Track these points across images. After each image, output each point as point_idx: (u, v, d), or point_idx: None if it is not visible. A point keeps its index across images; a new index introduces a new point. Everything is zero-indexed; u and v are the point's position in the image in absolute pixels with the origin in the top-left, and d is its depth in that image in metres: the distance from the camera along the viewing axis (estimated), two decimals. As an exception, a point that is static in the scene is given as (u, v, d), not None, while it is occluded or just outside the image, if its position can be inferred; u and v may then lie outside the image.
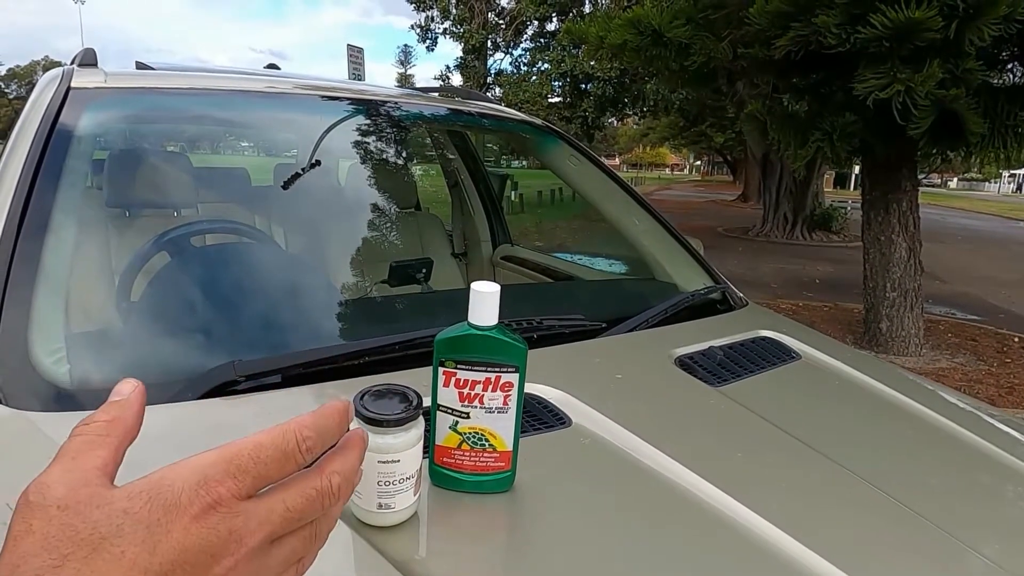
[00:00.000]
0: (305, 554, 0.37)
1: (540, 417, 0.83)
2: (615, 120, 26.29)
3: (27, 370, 0.77)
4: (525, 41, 19.71)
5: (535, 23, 18.79)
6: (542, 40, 19.02)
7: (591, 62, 14.41)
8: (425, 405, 0.65)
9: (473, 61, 19.90)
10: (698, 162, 64.72)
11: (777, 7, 3.60)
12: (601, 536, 0.65)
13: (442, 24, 19.65)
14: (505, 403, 0.68)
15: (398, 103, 1.67)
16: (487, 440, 0.68)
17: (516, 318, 1.05)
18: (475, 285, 0.66)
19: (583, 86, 17.60)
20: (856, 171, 20.71)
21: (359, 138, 1.57)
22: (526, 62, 19.60)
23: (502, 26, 19.63)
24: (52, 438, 0.69)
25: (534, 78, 18.79)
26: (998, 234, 15.56)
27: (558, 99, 18.91)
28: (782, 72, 4.38)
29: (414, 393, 0.63)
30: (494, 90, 19.14)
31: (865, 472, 0.81)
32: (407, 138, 1.97)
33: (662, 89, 14.26)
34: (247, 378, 0.82)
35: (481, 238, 2.31)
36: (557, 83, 18.18)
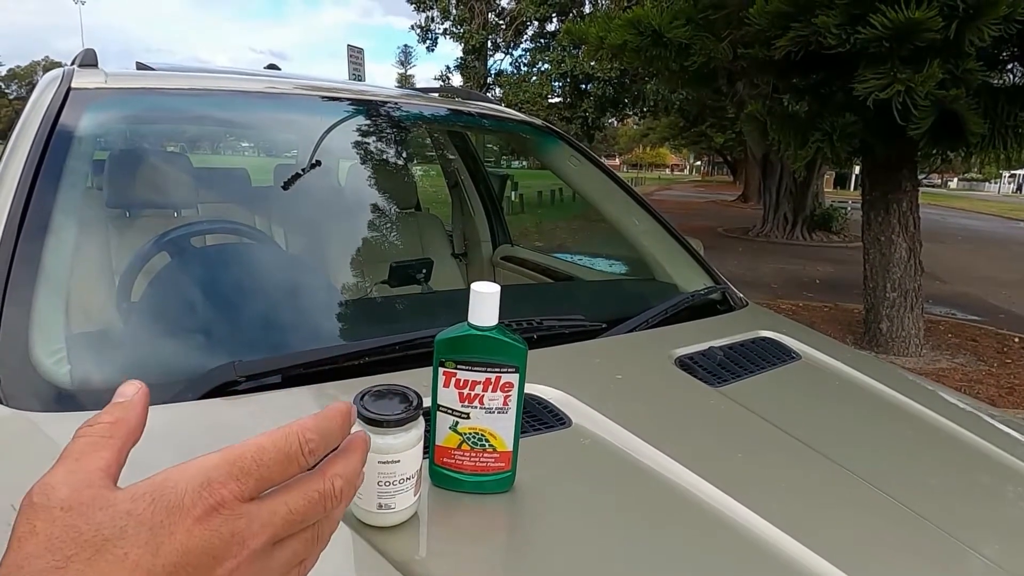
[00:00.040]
0: (307, 556, 0.37)
1: (540, 417, 0.84)
2: (615, 120, 26.30)
3: (28, 370, 0.77)
4: (525, 41, 19.74)
5: (535, 23, 18.81)
6: (542, 40, 19.03)
7: (591, 62, 14.42)
8: (425, 405, 0.65)
9: (473, 61, 19.91)
10: (698, 162, 64.72)
11: (777, 7, 3.60)
12: (601, 536, 0.65)
13: (442, 24, 19.68)
14: (505, 403, 0.68)
15: (398, 103, 1.67)
16: (487, 440, 0.68)
17: (516, 318, 1.05)
18: (475, 285, 0.66)
19: (583, 86, 17.61)
20: (856, 171, 20.71)
21: (359, 138, 1.57)
22: (526, 62, 19.63)
23: (502, 26, 19.64)
24: (53, 438, 0.69)
25: (534, 78, 18.81)
26: (998, 234, 15.56)
27: (558, 99, 18.93)
28: (782, 72, 4.38)
29: (414, 393, 0.63)
30: (494, 90, 19.15)
31: (865, 472, 0.81)
32: (407, 138, 1.97)
33: (662, 89, 14.27)
34: (247, 378, 0.82)
35: (481, 238, 2.31)
36: (557, 83, 18.20)
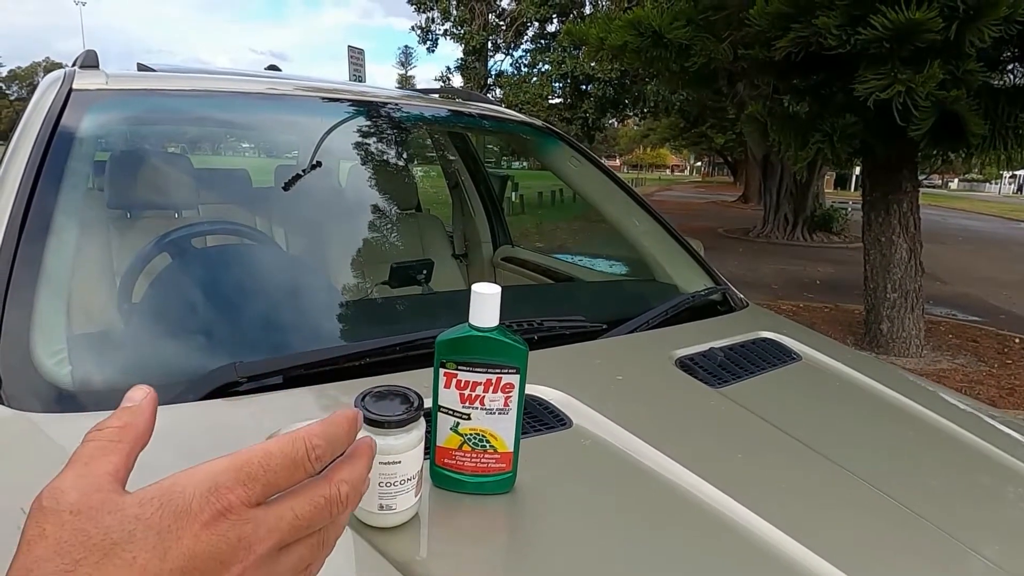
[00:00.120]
0: (313, 561, 0.37)
1: (541, 418, 0.84)
2: (615, 121, 26.30)
3: (29, 371, 0.77)
4: (526, 42, 19.76)
5: (535, 24, 18.82)
6: (543, 41, 19.05)
7: (591, 63, 14.42)
8: (426, 406, 0.65)
9: (474, 62, 19.93)
10: (699, 163, 64.73)
11: (777, 8, 3.60)
12: (602, 537, 0.65)
13: (443, 25, 19.69)
14: (506, 404, 0.68)
15: (399, 104, 1.67)
16: (488, 441, 0.68)
17: (517, 319, 1.05)
18: (476, 286, 0.66)
19: (583, 87, 17.62)
20: (857, 172, 20.71)
21: (360, 139, 1.57)
22: (527, 63, 19.64)
23: (503, 27, 19.66)
24: (54, 439, 0.69)
25: (535, 79, 18.82)
26: (999, 235, 15.55)
27: (559, 100, 18.94)
28: (782, 73, 4.38)
29: (415, 394, 0.63)
30: (495, 91, 19.15)
31: (865, 473, 0.81)
32: (408, 139, 1.97)
33: (662, 90, 14.27)
34: (249, 379, 0.82)
35: (482, 239, 2.31)
36: (558, 84, 18.21)
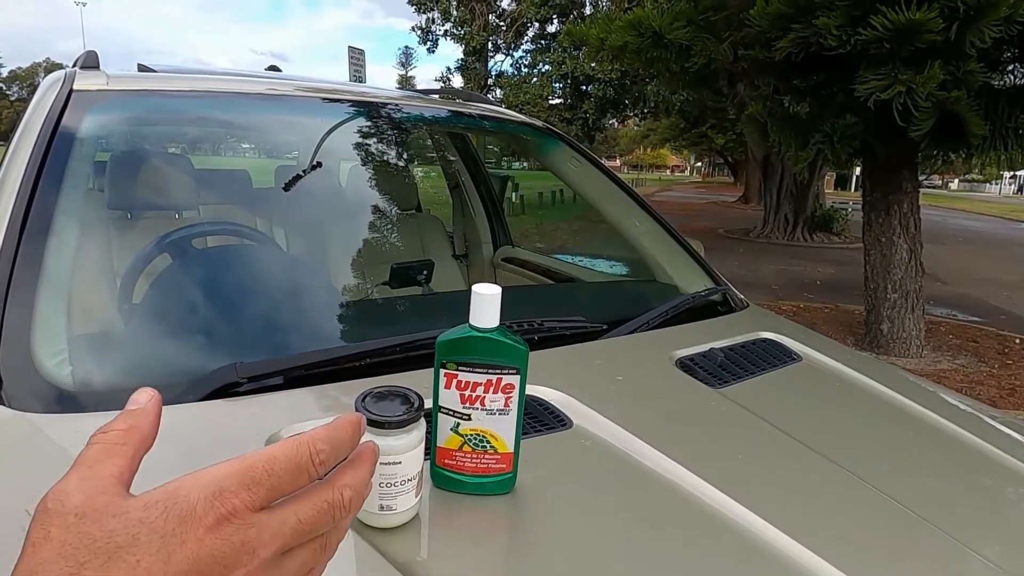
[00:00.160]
0: (315, 565, 0.37)
1: (541, 419, 0.84)
2: (616, 122, 26.30)
3: (29, 372, 0.77)
4: (526, 43, 19.77)
5: (536, 25, 18.84)
6: (543, 42, 19.06)
7: (592, 64, 14.43)
8: (426, 407, 0.65)
9: (474, 63, 19.94)
10: (699, 164, 64.72)
11: (777, 9, 3.60)
12: (602, 538, 0.65)
13: (443, 26, 19.71)
14: (506, 405, 0.68)
15: (399, 105, 1.67)
16: (488, 442, 0.68)
17: (517, 320, 1.05)
18: (476, 287, 0.66)
19: (584, 88, 17.64)
20: (857, 173, 20.71)
21: (360, 140, 1.57)
22: (527, 64, 19.66)
23: (503, 28, 19.67)
24: (54, 440, 0.70)
25: (535, 80, 18.83)
26: (999, 235, 15.55)
27: (559, 101, 18.95)
28: (783, 74, 4.38)
29: (415, 395, 0.63)
30: (495, 92, 19.17)
31: (866, 474, 0.81)
32: (408, 140, 1.97)
33: (663, 91, 14.27)
34: (249, 380, 0.82)
35: (482, 240, 2.31)
36: (558, 85, 18.23)
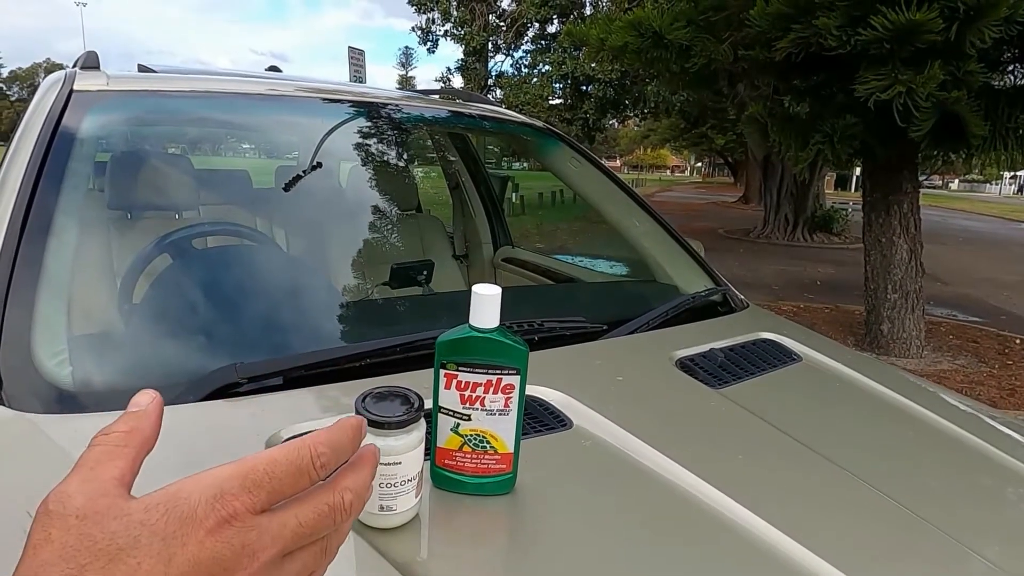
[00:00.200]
0: (316, 568, 0.37)
1: (541, 419, 0.84)
2: (616, 122, 26.31)
3: (29, 372, 0.77)
4: (526, 43, 19.77)
5: (536, 25, 18.84)
6: (543, 42, 19.07)
7: (592, 64, 14.43)
8: (426, 407, 0.65)
9: (474, 63, 19.94)
10: (699, 164, 64.72)
11: (778, 9, 3.60)
12: (602, 538, 0.65)
13: (443, 26, 19.71)
14: (506, 405, 0.68)
15: (399, 105, 1.67)
16: (488, 442, 0.68)
17: (517, 320, 1.05)
18: (476, 287, 0.66)
19: (584, 88, 17.64)
20: (857, 173, 20.71)
21: (360, 140, 1.57)
22: (527, 64, 19.66)
23: (503, 28, 19.67)
24: (54, 440, 0.70)
25: (535, 80, 18.84)
26: (999, 236, 15.55)
27: (559, 101, 18.95)
28: (783, 74, 4.38)
29: (415, 395, 0.63)
30: (495, 92, 19.17)
31: (866, 474, 0.81)
32: (408, 140, 1.97)
33: (663, 91, 14.27)
34: (249, 380, 0.82)
35: (482, 240, 2.31)
36: (558, 85, 18.23)
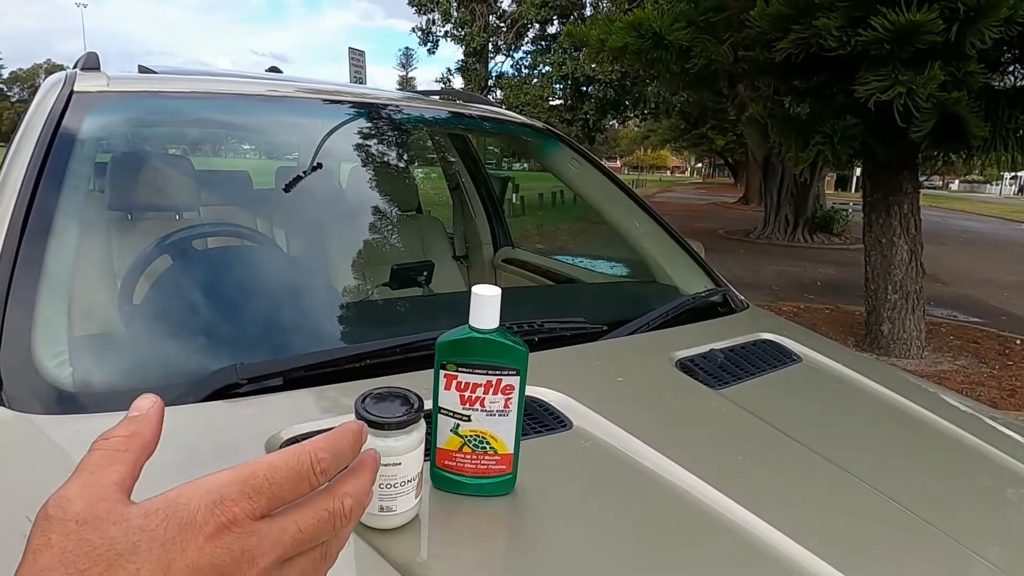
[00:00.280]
0: (315, 573, 0.37)
1: (541, 420, 0.84)
2: (616, 123, 26.32)
3: (30, 373, 0.77)
4: (526, 44, 19.79)
5: (536, 26, 18.85)
6: (543, 43, 19.09)
7: (592, 65, 14.43)
8: (426, 408, 0.65)
9: (474, 64, 19.95)
10: (699, 164, 64.75)
11: (778, 10, 3.60)
12: (602, 539, 0.65)
13: (443, 27, 19.73)
14: (506, 406, 0.68)
15: (399, 106, 1.67)
16: (488, 443, 0.68)
17: (517, 321, 1.05)
18: (476, 288, 0.66)
19: (584, 89, 17.65)
20: (857, 173, 20.70)
21: (360, 141, 1.58)
22: (527, 65, 19.68)
23: (503, 29, 19.68)
24: (54, 441, 0.70)
25: (535, 81, 18.85)
26: (999, 236, 15.55)
27: (559, 102, 18.96)
28: (783, 74, 4.38)
29: (415, 396, 0.63)
30: (495, 93, 19.18)
31: (866, 475, 0.81)
32: (408, 141, 1.97)
33: (663, 92, 14.28)
34: (249, 381, 0.82)
35: (482, 241, 2.32)
36: (558, 86, 18.24)
